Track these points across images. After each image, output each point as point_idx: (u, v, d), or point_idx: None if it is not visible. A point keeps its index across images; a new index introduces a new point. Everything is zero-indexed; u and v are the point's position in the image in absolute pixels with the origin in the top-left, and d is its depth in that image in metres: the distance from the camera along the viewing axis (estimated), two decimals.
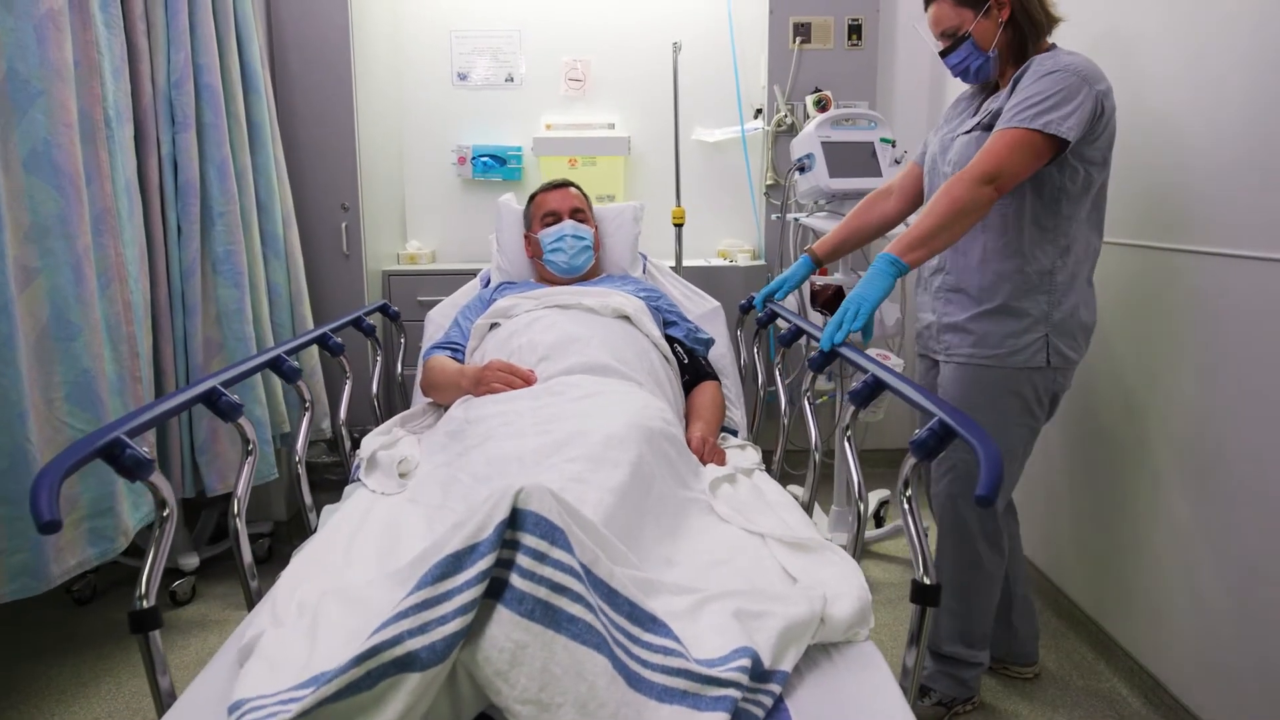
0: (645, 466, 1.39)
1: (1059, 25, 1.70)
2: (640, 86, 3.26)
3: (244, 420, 1.43)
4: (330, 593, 1.13)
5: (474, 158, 3.26)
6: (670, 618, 1.06)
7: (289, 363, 1.66)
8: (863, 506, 1.44)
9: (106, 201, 1.89)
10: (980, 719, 1.89)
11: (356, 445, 1.79)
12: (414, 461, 1.67)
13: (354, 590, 1.13)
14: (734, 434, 2.01)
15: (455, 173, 3.30)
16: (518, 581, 0.94)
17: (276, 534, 2.75)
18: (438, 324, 2.32)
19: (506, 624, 0.92)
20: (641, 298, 2.09)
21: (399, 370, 2.42)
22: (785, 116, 3.06)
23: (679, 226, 2.88)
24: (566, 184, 2.32)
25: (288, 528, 2.79)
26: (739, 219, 3.35)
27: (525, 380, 1.75)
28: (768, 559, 1.30)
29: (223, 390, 1.39)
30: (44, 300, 1.75)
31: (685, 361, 2.02)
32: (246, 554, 1.40)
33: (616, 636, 0.98)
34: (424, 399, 2.04)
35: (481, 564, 0.93)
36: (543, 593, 0.94)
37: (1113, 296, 1.77)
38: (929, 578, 1.12)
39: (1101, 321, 1.78)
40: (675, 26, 3.15)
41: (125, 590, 2.48)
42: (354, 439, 1.97)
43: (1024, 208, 1.66)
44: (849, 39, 3.05)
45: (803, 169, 2.50)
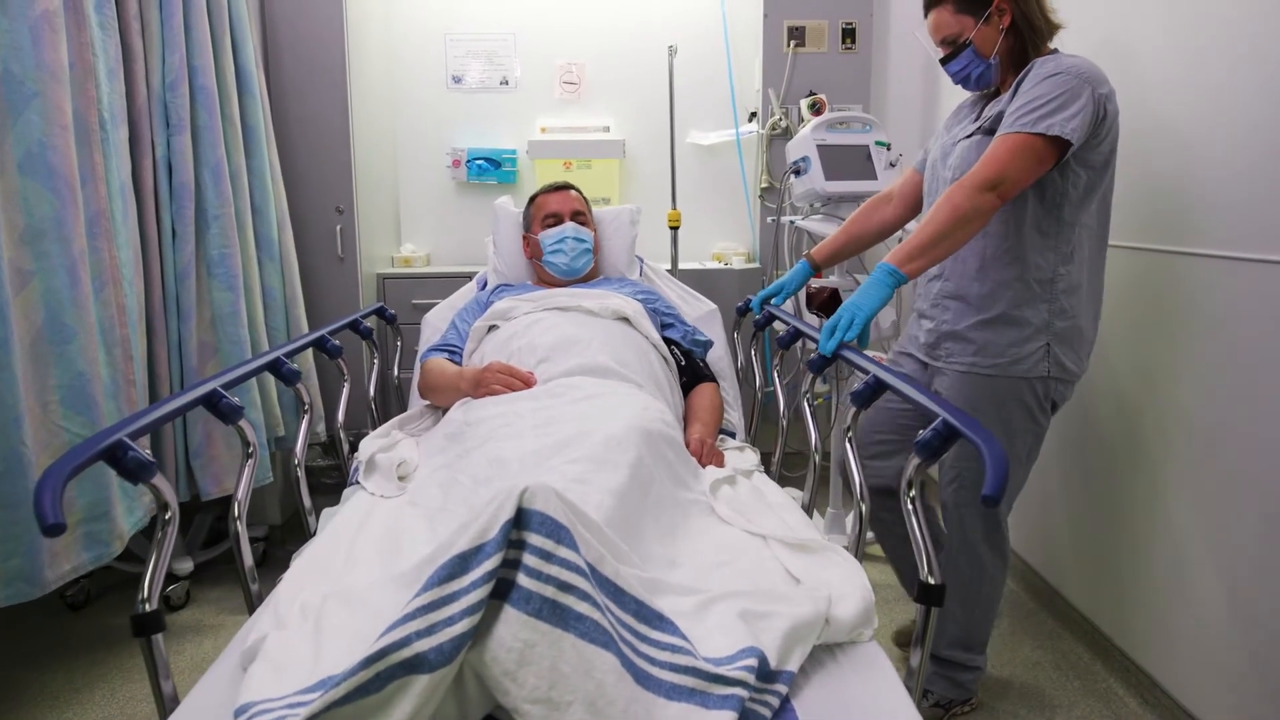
0: (644, 468, 1.39)
1: (1059, 32, 1.69)
2: (635, 90, 3.26)
3: (244, 423, 1.42)
4: (333, 595, 1.12)
5: (469, 161, 3.26)
6: (676, 617, 1.06)
7: (288, 365, 1.65)
8: (865, 507, 1.43)
9: (101, 204, 1.87)
10: (978, 719, 1.90)
11: (354, 448, 1.79)
12: (413, 464, 1.66)
13: (357, 593, 1.13)
14: (732, 436, 2.02)
15: (450, 176, 3.29)
16: (525, 581, 0.94)
17: (271, 538, 2.74)
18: (434, 327, 2.32)
19: (514, 624, 0.91)
20: (640, 300, 2.09)
21: (395, 373, 2.41)
22: (780, 120, 3.07)
23: (674, 229, 2.88)
24: (568, 186, 2.32)
25: (282, 531, 2.78)
26: (733, 222, 3.36)
27: (525, 382, 1.75)
28: (770, 560, 1.30)
29: (223, 393, 1.38)
30: (39, 303, 1.74)
31: (683, 363, 2.03)
32: (248, 557, 1.39)
33: (624, 634, 0.98)
34: (421, 401, 2.04)
35: (488, 564, 0.92)
36: (550, 591, 0.94)
37: (1111, 298, 1.77)
38: (934, 578, 1.12)
39: (1101, 323, 1.77)
40: (670, 30, 3.16)
41: (119, 595, 2.46)
42: (351, 442, 1.96)
43: (1025, 213, 1.64)
44: (843, 43, 3.07)
45: (798, 172, 2.51)
